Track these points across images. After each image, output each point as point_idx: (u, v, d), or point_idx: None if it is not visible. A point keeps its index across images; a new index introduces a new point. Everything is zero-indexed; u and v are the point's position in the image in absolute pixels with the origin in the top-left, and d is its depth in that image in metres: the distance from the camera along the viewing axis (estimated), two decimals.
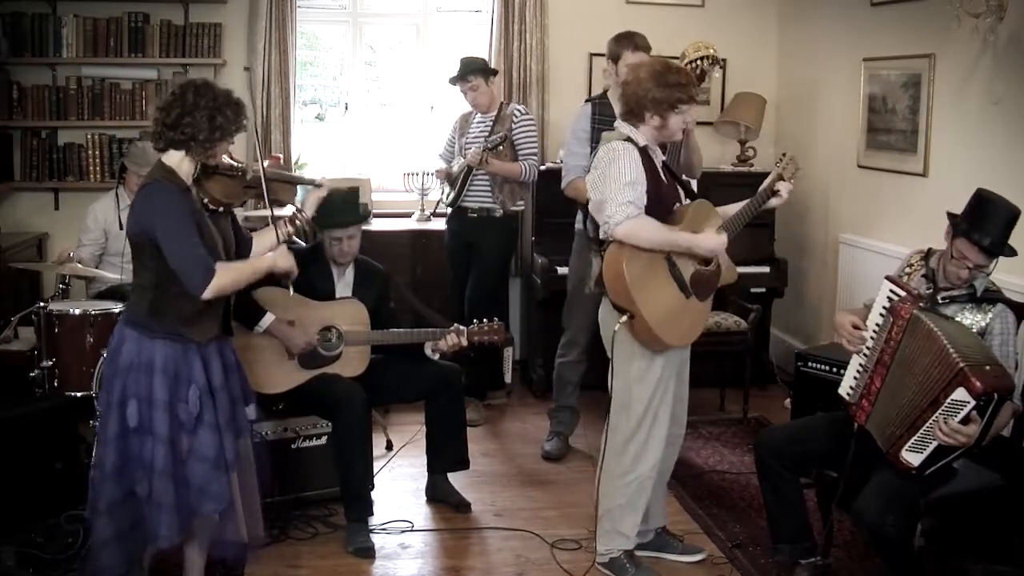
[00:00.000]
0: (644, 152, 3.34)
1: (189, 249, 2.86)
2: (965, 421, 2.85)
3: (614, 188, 3.22)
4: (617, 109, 4.41)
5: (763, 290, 5.63)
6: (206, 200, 3.08)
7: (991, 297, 3.12)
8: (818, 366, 4.34)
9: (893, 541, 2.92)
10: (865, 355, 3.16)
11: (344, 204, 3.94)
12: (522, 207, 5.42)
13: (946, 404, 2.86)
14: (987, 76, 4.36)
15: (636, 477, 3.42)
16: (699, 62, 4.29)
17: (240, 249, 3.23)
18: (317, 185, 3.50)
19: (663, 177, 3.41)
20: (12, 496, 3.50)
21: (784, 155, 3.59)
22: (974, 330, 3.08)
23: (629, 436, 3.41)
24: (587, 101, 4.69)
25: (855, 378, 3.18)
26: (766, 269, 5.60)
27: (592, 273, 3.46)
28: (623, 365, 3.41)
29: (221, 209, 3.13)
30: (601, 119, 4.51)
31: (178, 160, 2.94)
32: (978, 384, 2.79)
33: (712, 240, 3.33)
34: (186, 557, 3.20)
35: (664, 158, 3.54)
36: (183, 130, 2.88)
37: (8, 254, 5.09)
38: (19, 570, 3.35)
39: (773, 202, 3.52)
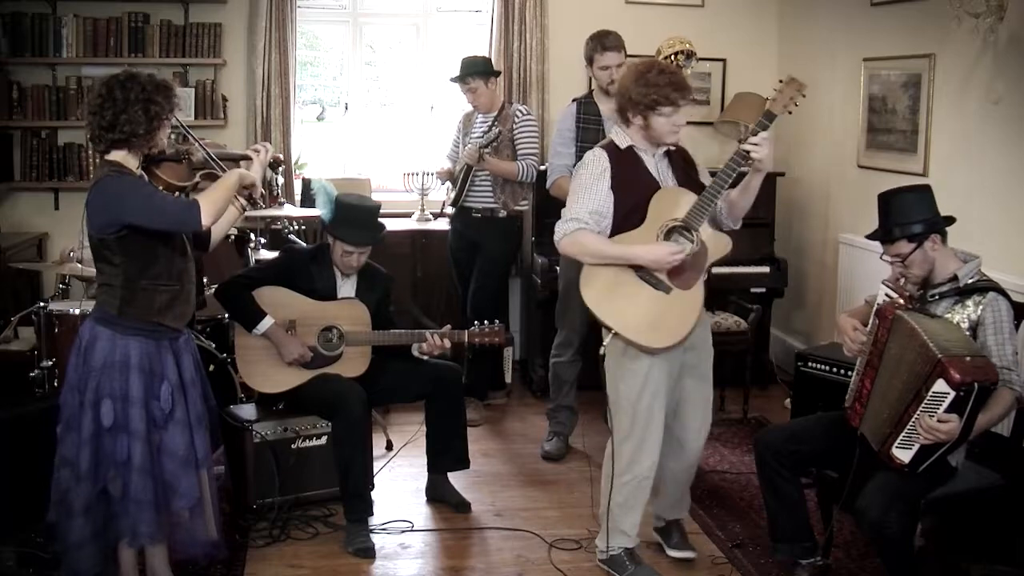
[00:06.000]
0: (628, 153, 3.32)
1: (163, 202, 2.86)
2: (948, 413, 2.85)
3: (569, 201, 3.26)
4: (602, 108, 4.45)
5: (763, 290, 5.63)
6: (161, 188, 3.01)
7: (980, 287, 3.09)
8: (818, 366, 4.35)
9: (894, 539, 2.92)
10: (860, 359, 3.17)
11: (365, 220, 3.96)
12: (526, 207, 5.42)
13: (928, 397, 2.86)
14: (987, 76, 4.36)
15: (633, 477, 3.40)
16: (673, 57, 4.28)
17: (197, 237, 3.15)
18: (247, 158, 3.29)
19: (656, 177, 3.34)
20: (12, 496, 3.50)
21: (791, 79, 3.25)
22: (966, 324, 3.06)
23: (624, 436, 3.39)
24: (573, 101, 4.71)
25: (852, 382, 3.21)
26: (766, 269, 5.59)
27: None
28: (612, 364, 3.39)
29: (177, 194, 3.06)
30: (586, 118, 4.54)
31: (122, 157, 2.91)
32: (956, 375, 2.79)
33: (655, 251, 3.21)
34: (147, 563, 3.13)
35: (663, 154, 3.39)
36: (122, 128, 2.83)
37: (8, 254, 5.09)
38: (19, 570, 3.35)
39: (756, 167, 3.18)
